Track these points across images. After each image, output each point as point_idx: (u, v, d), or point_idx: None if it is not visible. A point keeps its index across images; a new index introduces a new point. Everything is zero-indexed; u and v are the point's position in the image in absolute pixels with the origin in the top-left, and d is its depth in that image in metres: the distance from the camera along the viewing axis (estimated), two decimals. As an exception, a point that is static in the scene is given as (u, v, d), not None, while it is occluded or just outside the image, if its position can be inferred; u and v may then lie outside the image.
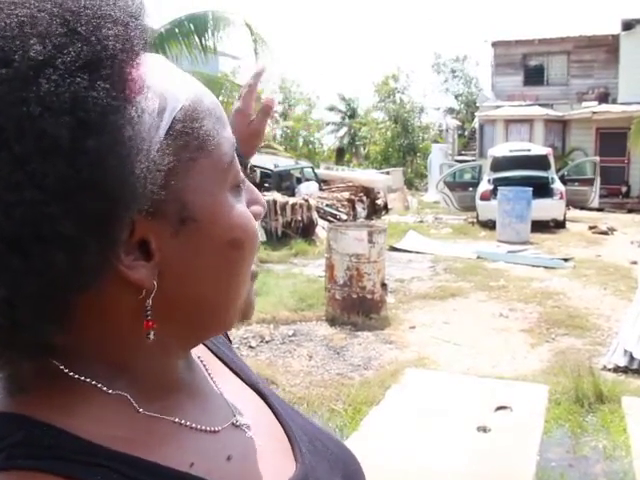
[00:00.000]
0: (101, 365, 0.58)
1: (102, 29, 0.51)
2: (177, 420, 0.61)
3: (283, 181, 15.60)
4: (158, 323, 0.57)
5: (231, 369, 0.78)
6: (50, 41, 0.48)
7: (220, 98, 9.03)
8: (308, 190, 15.46)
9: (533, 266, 10.59)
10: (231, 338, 0.91)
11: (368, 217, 16.38)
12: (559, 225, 15.08)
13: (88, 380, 0.56)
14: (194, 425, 0.63)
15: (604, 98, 23.18)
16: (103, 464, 0.52)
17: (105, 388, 0.57)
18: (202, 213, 0.57)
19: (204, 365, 0.73)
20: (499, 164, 16.10)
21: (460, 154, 27.16)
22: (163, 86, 0.55)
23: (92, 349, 0.57)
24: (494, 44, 26.08)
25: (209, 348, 0.78)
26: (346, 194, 16.20)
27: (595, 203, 18.16)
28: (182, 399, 0.64)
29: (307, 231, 12.70)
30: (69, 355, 0.56)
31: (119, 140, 0.49)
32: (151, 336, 0.57)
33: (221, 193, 0.59)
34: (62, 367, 0.56)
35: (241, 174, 0.63)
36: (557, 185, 15.39)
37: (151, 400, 0.60)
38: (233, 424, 0.67)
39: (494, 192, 14.68)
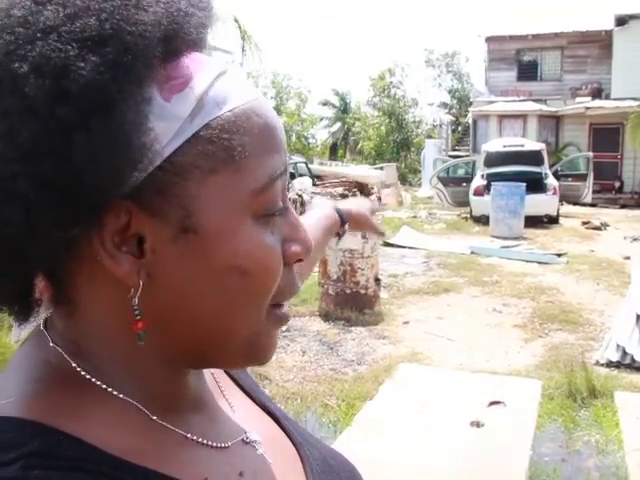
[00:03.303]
0: (110, 366, 0.57)
1: (132, 18, 0.50)
2: (187, 435, 0.60)
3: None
4: (150, 327, 0.55)
5: (242, 388, 0.77)
6: (64, 10, 0.49)
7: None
8: (302, 186, 15.47)
9: (526, 261, 10.61)
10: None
11: (362, 212, 16.36)
12: (552, 220, 15.12)
13: (99, 383, 0.56)
14: (204, 441, 0.61)
15: (597, 94, 23.24)
16: (119, 477, 0.51)
17: (116, 393, 0.56)
18: (206, 228, 0.54)
19: (217, 382, 0.72)
20: (492, 159, 16.12)
21: (454, 149, 27.21)
22: (207, 91, 0.54)
23: (100, 347, 0.57)
24: (488, 39, 26.11)
25: (228, 375, 0.77)
26: (340, 189, 16.18)
27: (588, 198, 18.23)
28: (191, 413, 0.63)
29: (301, 226, 12.70)
30: (81, 353, 0.56)
31: (106, 120, 0.48)
32: (141, 338, 0.55)
33: (238, 216, 0.55)
34: (75, 366, 0.56)
35: (283, 204, 0.59)
36: (550, 180, 15.43)
37: (160, 410, 0.59)
38: (243, 440, 0.66)
39: (487, 187, 14.71)
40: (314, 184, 16.83)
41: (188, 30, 0.55)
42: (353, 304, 7.21)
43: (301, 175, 16.98)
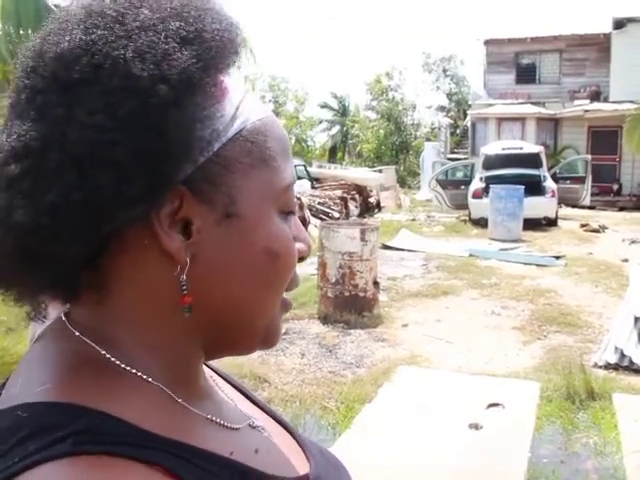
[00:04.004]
0: (138, 351, 0.61)
1: (206, 24, 0.60)
2: (207, 416, 0.65)
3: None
4: (193, 301, 0.60)
5: (230, 383, 0.82)
6: (158, 13, 0.58)
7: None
8: (300, 188, 15.46)
9: (525, 264, 10.62)
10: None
11: (360, 215, 16.41)
12: (551, 223, 15.14)
13: (128, 368, 0.59)
14: (219, 420, 0.66)
15: (596, 96, 23.26)
16: (163, 449, 0.55)
17: (145, 377, 0.60)
18: (248, 214, 0.61)
19: (215, 382, 0.76)
20: (491, 162, 16.14)
21: (452, 152, 27.22)
22: (240, 101, 0.63)
23: (129, 333, 0.61)
24: (486, 42, 26.12)
25: (218, 374, 0.81)
26: (338, 192, 16.23)
27: (587, 201, 18.23)
28: (205, 399, 0.68)
29: (299, 229, 12.69)
30: (108, 340, 0.60)
31: (191, 106, 0.56)
32: (189, 310, 0.60)
33: (271, 207, 0.63)
34: (104, 353, 0.59)
35: (294, 206, 0.68)
36: (549, 183, 15.44)
37: (182, 395, 0.62)
38: (250, 425, 0.71)
39: (486, 190, 14.72)
40: (313, 187, 16.85)
41: (236, 46, 0.64)
42: (352, 307, 7.22)
43: (300, 178, 16.95)
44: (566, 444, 4.55)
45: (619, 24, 22.22)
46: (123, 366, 0.59)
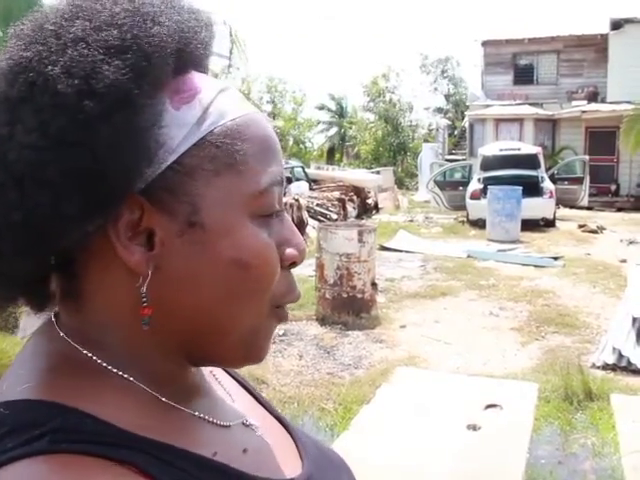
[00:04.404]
0: (120, 352, 0.61)
1: (147, 29, 0.57)
2: (194, 412, 0.64)
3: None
4: (155, 315, 0.60)
5: (235, 379, 0.82)
6: (94, 22, 0.56)
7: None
8: (298, 190, 15.46)
9: (523, 265, 10.63)
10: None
11: (358, 216, 16.41)
12: (549, 224, 15.14)
13: (110, 368, 0.60)
14: (208, 418, 0.65)
15: (593, 97, 23.29)
16: (140, 448, 0.55)
17: (127, 376, 0.60)
18: (212, 223, 0.59)
19: (212, 372, 0.75)
20: (489, 163, 16.15)
21: (450, 153, 27.25)
22: (212, 103, 0.61)
23: (107, 336, 0.61)
24: (484, 43, 26.17)
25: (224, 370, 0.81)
26: (336, 194, 16.22)
27: (585, 202, 18.25)
28: (195, 398, 0.67)
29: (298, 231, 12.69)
30: (90, 342, 0.61)
31: (126, 116, 0.54)
32: (146, 322, 0.59)
33: (238, 214, 0.60)
34: (86, 353, 0.60)
35: (276, 208, 0.63)
36: (547, 184, 15.45)
37: (166, 394, 0.62)
38: (243, 423, 0.70)
39: (484, 191, 14.73)
40: (311, 188, 16.83)
41: (195, 47, 0.62)
42: (350, 308, 7.22)
43: (298, 179, 16.98)
44: (564, 445, 4.55)
45: (616, 25, 22.27)
46: (105, 365, 0.60)
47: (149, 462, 0.54)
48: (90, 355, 0.60)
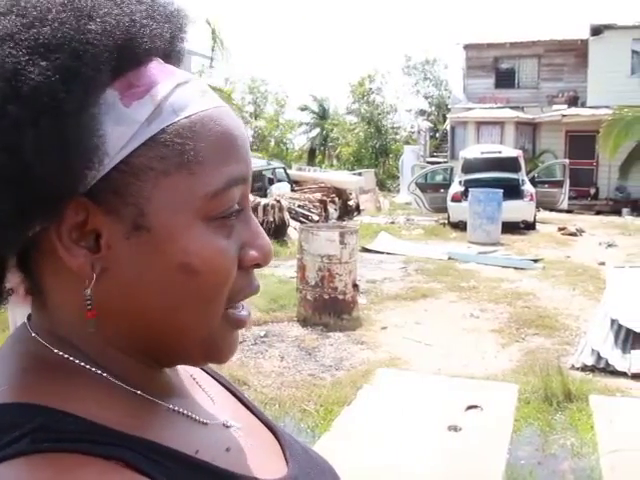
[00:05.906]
0: (89, 350, 0.60)
1: (82, 28, 0.54)
2: (171, 407, 0.63)
3: (255, 182, 15.48)
4: (103, 318, 0.59)
5: (218, 381, 0.81)
6: (22, 20, 0.53)
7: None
8: (280, 191, 15.45)
9: (503, 267, 10.70)
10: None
11: (340, 218, 16.41)
12: (529, 226, 15.25)
13: (82, 364, 0.59)
14: (189, 414, 0.65)
15: (573, 101, 23.49)
16: (122, 444, 0.54)
17: (101, 372, 0.59)
18: (158, 227, 0.57)
19: (191, 375, 0.74)
20: (470, 166, 16.22)
21: (432, 156, 27.31)
22: (165, 98, 0.57)
23: (70, 334, 0.60)
24: (466, 47, 26.28)
25: (207, 372, 0.80)
26: (318, 195, 16.21)
27: (564, 205, 18.38)
28: (169, 396, 0.65)
29: (279, 232, 12.68)
30: (60, 341, 0.60)
31: (55, 119, 0.52)
32: (92, 326, 0.58)
33: (189, 217, 0.57)
34: (57, 351, 0.59)
35: (235, 208, 0.61)
36: (527, 187, 15.57)
37: (144, 390, 0.62)
38: (223, 424, 0.69)
39: (465, 193, 14.81)
40: (292, 190, 16.82)
41: (142, 40, 0.58)
42: (331, 309, 7.22)
43: (279, 180, 16.96)
44: (543, 445, 4.58)
45: (596, 30, 22.45)
46: (77, 361, 0.59)
47: (136, 458, 0.54)
48: (62, 354, 0.59)
